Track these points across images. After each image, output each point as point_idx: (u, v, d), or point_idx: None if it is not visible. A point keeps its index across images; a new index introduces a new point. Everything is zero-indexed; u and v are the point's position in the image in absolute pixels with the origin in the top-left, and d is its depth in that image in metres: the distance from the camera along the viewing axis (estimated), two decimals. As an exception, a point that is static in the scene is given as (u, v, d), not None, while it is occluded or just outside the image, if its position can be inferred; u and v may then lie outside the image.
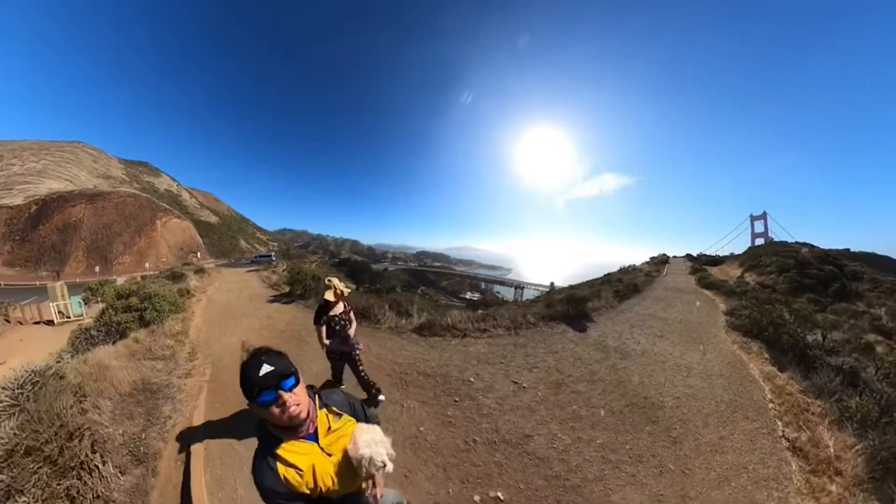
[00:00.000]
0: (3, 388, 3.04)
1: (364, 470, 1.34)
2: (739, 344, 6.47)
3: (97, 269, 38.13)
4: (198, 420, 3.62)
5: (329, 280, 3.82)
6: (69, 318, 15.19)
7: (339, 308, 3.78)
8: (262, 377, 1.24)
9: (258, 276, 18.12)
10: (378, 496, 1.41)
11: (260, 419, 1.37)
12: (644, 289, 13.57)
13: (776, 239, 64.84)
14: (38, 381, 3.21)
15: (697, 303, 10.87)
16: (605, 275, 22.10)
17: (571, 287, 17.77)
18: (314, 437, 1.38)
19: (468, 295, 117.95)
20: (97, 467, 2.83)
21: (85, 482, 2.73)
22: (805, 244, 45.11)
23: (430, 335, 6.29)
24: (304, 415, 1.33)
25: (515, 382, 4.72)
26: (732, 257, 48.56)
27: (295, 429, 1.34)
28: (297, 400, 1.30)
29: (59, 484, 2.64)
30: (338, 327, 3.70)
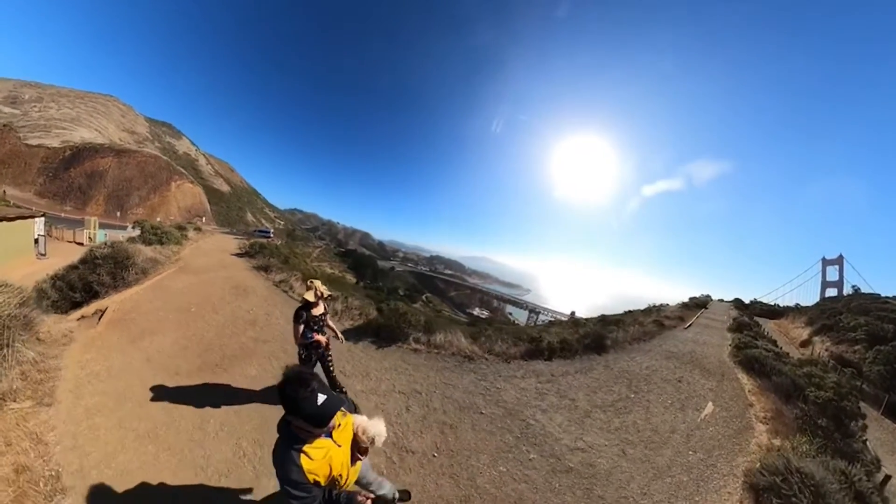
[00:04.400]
0: (106, 240, 9.10)
1: (371, 444, 2.15)
2: None
3: (118, 214, 46.74)
4: (170, 270, 9.74)
5: (311, 281, 4.19)
6: (94, 243, 22.08)
7: (320, 309, 4.20)
8: (329, 415, 1.76)
9: (238, 241, 24.83)
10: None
11: (286, 420, 1.81)
12: (627, 346, 9.44)
13: (855, 289, 49.47)
14: (116, 242, 9.22)
15: (708, 407, 6.11)
16: (625, 311, 19.84)
17: (583, 321, 15.55)
18: (329, 434, 1.93)
19: (476, 311, 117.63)
20: (129, 269, 8.74)
21: (121, 271, 8.63)
22: (911, 300, 33.23)
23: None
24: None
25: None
26: (797, 310, 39.49)
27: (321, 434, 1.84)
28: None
29: (115, 269, 8.55)
30: (315, 327, 4.11)
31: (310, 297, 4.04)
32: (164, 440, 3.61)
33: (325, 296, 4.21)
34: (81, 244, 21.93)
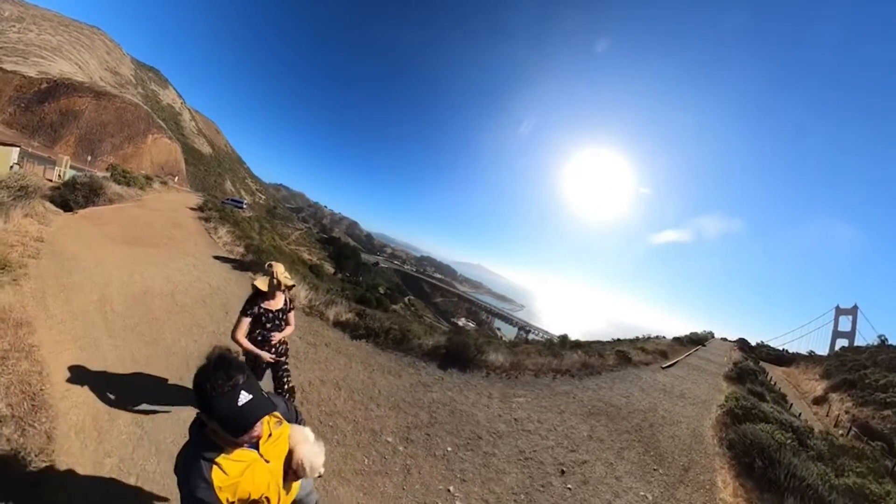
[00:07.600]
0: (78, 170, 12.71)
1: (304, 473, 1.78)
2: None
3: (88, 158, 49.90)
4: (130, 203, 13.93)
5: (270, 265, 3.59)
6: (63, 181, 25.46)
7: (279, 303, 3.59)
8: (250, 421, 1.43)
9: (199, 197, 28.63)
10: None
11: (201, 422, 1.51)
12: (534, 379, 6.92)
13: (882, 339, 44.59)
14: (87, 175, 12.81)
15: None
16: (614, 339, 19.41)
17: (558, 342, 15.11)
18: (255, 445, 1.58)
19: (462, 321, 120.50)
20: (100, 196, 12.53)
21: (93, 196, 12.47)
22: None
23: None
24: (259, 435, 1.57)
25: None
26: (810, 358, 38.72)
27: (243, 443, 1.52)
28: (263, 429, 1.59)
29: (89, 194, 12.34)
30: (269, 325, 3.52)
31: (261, 285, 3.45)
32: (93, 249, 8.24)
33: (288, 286, 3.63)
34: (51, 181, 25.16)
